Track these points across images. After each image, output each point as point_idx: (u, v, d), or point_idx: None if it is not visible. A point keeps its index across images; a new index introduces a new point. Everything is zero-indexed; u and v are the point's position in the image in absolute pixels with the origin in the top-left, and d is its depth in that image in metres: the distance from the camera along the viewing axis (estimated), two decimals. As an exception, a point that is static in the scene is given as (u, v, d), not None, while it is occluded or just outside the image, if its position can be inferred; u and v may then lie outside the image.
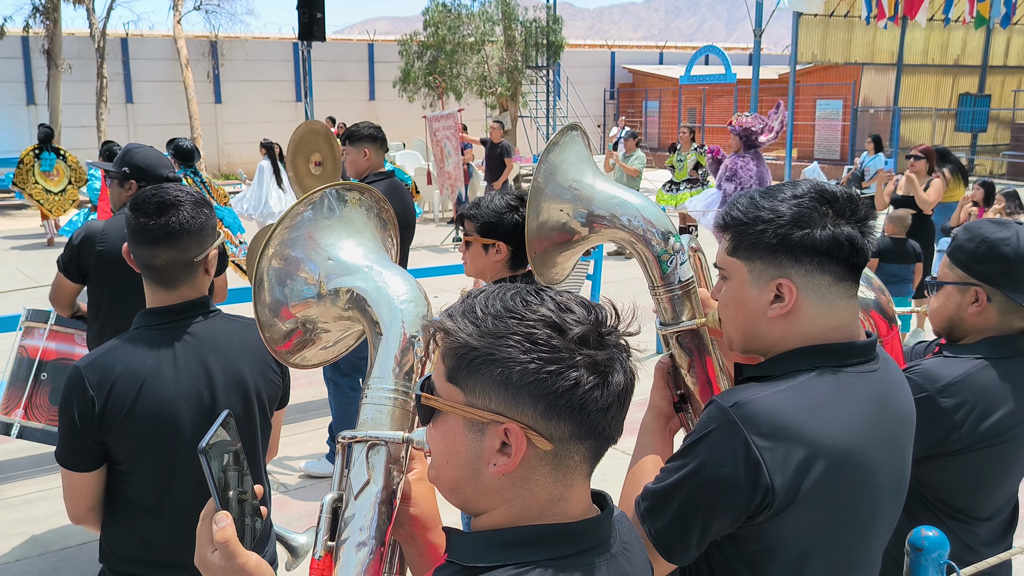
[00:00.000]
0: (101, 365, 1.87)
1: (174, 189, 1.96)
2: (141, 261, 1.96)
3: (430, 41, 21.03)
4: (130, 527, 1.97)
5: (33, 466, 4.98)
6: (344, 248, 1.24)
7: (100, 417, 1.86)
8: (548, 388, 0.94)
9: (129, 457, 1.93)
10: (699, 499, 1.37)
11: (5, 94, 20.96)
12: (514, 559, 0.97)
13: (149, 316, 1.98)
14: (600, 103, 29.53)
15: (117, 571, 2.00)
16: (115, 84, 21.54)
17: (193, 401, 1.93)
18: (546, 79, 22.78)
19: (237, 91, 23.87)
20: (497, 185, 12.71)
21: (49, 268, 10.93)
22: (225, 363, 1.99)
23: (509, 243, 2.61)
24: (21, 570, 3.93)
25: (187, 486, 1.97)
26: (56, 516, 4.41)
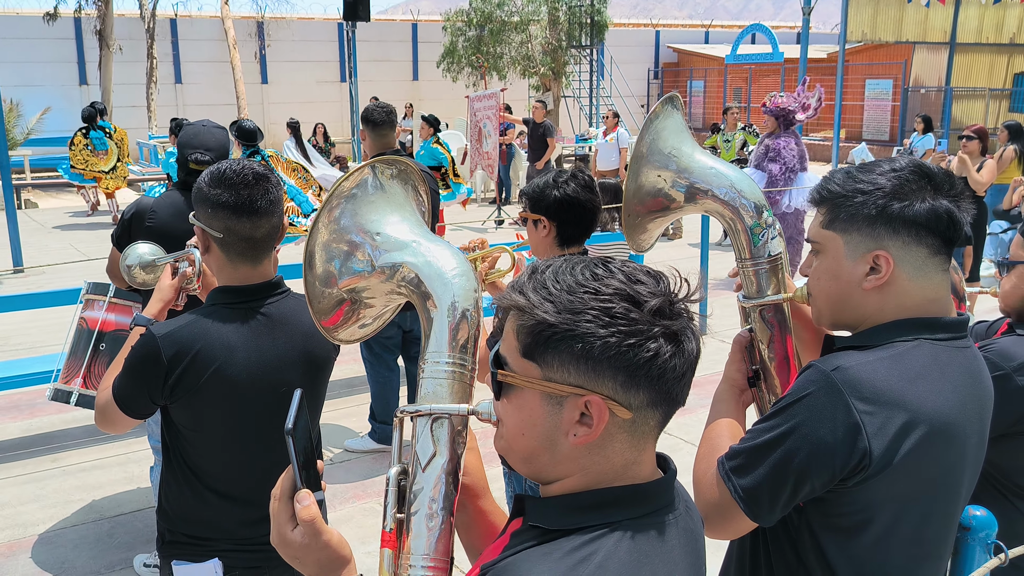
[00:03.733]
0: (178, 339, 1.92)
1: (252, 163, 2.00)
2: (238, 235, 1.96)
3: (474, 20, 20.99)
4: (191, 492, 2.04)
5: (88, 436, 5.15)
6: (390, 223, 1.26)
7: (171, 388, 1.93)
8: (628, 360, 0.98)
9: (193, 426, 2.01)
10: (793, 458, 1.40)
11: (58, 74, 21.39)
12: (593, 521, 1.01)
13: (226, 294, 2.02)
14: (644, 83, 29.24)
15: (175, 531, 2.08)
16: (164, 65, 21.86)
17: (262, 380, 2.00)
18: (590, 58, 22.60)
19: (283, 71, 24.08)
20: (540, 165, 12.70)
21: (101, 243, 11.21)
22: (294, 342, 2.05)
23: (552, 219, 2.63)
24: (77, 535, 4.08)
25: (249, 460, 2.05)
26: (110, 484, 4.56)
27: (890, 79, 22.53)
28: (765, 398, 1.79)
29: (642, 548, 1.00)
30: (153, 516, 4.09)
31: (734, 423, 1.67)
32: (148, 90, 20.30)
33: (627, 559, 0.98)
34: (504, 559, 1.02)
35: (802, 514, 1.50)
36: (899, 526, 1.45)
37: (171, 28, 22.62)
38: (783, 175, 8.36)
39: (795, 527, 1.52)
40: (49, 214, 14.20)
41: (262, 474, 2.06)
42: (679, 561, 1.04)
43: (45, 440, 5.12)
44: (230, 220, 1.95)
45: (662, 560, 1.01)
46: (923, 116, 13.47)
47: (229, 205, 1.94)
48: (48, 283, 9.08)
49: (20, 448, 5.01)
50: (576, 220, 2.63)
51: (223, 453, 2.03)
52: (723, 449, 1.54)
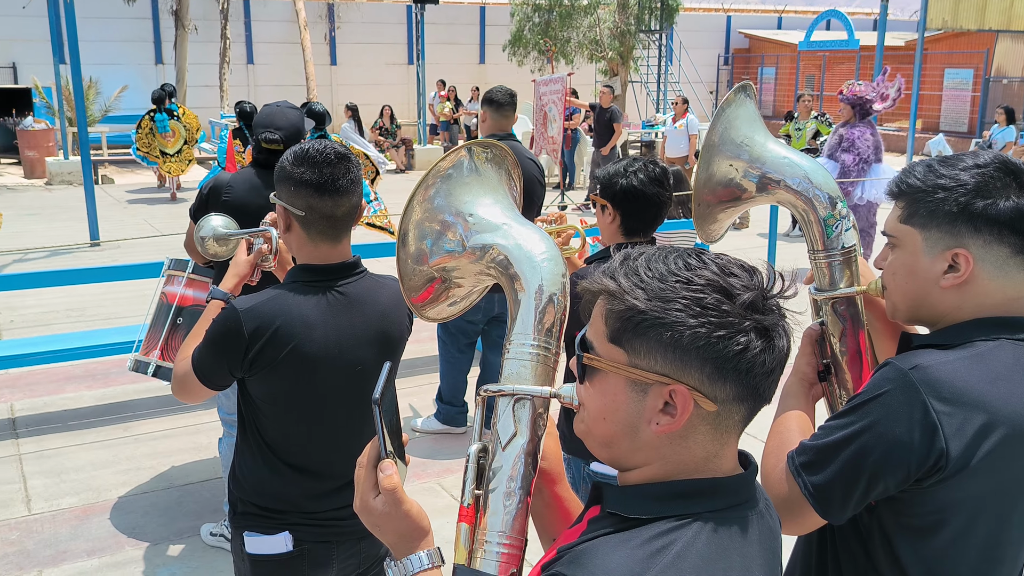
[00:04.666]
0: (260, 314, 1.96)
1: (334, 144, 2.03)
2: (319, 213, 1.99)
3: (543, 3, 20.88)
4: (264, 464, 2.09)
5: (159, 406, 5.31)
6: (483, 205, 1.27)
7: (250, 362, 1.97)
8: (717, 352, 0.97)
9: (269, 399, 2.05)
10: (868, 456, 1.38)
11: (136, 53, 21.94)
12: (673, 511, 1.01)
13: (307, 272, 2.05)
14: (714, 69, 28.79)
15: (247, 502, 2.12)
16: (237, 45, 22.24)
17: (338, 358, 2.04)
18: (659, 43, 22.31)
19: (352, 53, 24.32)
20: (605, 150, 12.61)
21: (174, 220, 11.50)
22: (370, 322, 2.09)
23: (616, 207, 2.62)
24: (148, 502, 4.21)
25: (322, 435, 2.09)
26: (180, 453, 4.70)
27: (971, 69, 21.74)
28: (835, 393, 1.76)
29: (721, 541, 0.99)
30: (220, 487, 4.23)
31: (804, 418, 1.64)
32: (221, 70, 20.68)
33: (705, 551, 0.97)
34: (581, 543, 1.02)
35: (873, 513, 1.47)
36: (974, 528, 1.41)
37: (244, 9, 23.00)
38: (856, 166, 8.16)
39: (865, 526, 1.49)
40: (125, 190, 14.61)
41: (334, 449, 2.10)
42: (756, 557, 1.03)
43: (118, 409, 5.29)
44: (312, 199, 1.98)
45: (740, 555, 1.00)
46: (1005, 107, 12.98)
47: (312, 184, 1.97)
48: (123, 257, 9.36)
49: (94, 416, 5.19)
50: (639, 212, 2.61)
51: (297, 427, 2.07)
52: (792, 444, 1.52)
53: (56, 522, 4.00)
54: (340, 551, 2.14)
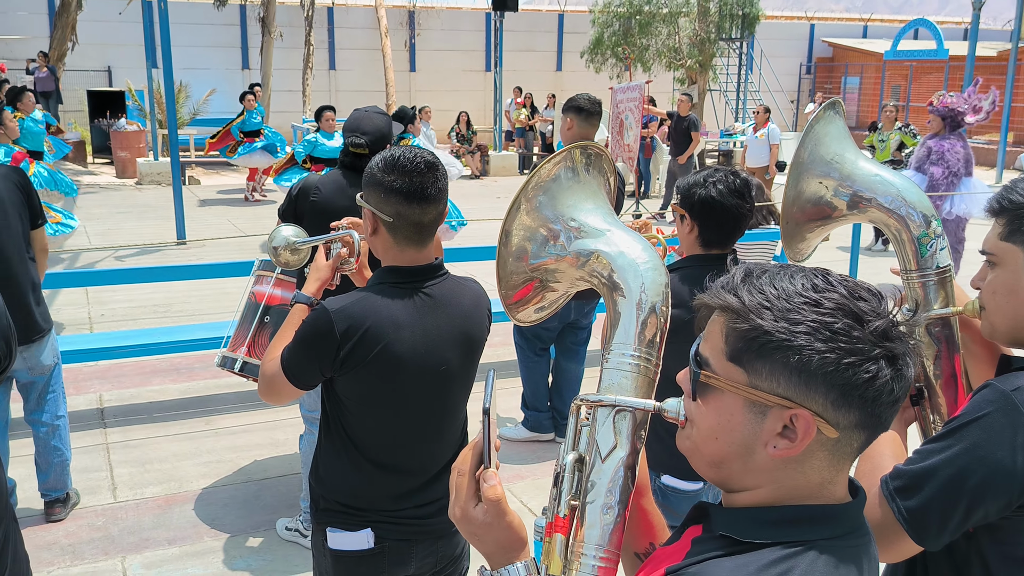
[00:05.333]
0: (350, 314, 2.00)
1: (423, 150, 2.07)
2: (408, 219, 2.02)
3: (623, 11, 20.81)
4: (348, 462, 2.13)
5: (239, 401, 5.45)
6: (585, 210, 1.27)
7: (341, 362, 2.01)
8: (845, 379, 0.94)
9: (357, 398, 2.09)
10: (967, 481, 1.34)
11: (224, 59, 22.63)
12: (788, 537, 0.98)
13: (393, 274, 2.09)
14: (795, 78, 28.25)
15: (330, 499, 2.16)
16: (320, 51, 22.75)
17: (425, 358, 2.07)
18: (739, 51, 22.01)
19: (431, 60, 24.62)
20: (682, 159, 12.48)
21: (256, 221, 11.81)
22: (454, 323, 2.12)
23: (694, 218, 2.59)
24: (227, 494, 4.32)
25: (407, 434, 2.12)
26: (258, 448, 4.81)
27: (1068, 80, 20.87)
28: (928, 418, 1.70)
29: (837, 571, 0.97)
30: (296, 482, 4.32)
31: (897, 442, 1.59)
32: (304, 76, 21.17)
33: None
34: (690, 565, 1.00)
35: (972, 540, 1.42)
36: None
37: (328, 16, 23.51)
38: (945, 179, 7.90)
39: (962, 554, 1.44)
40: (210, 190, 15.07)
41: (417, 448, 2.13)
42: None
43: (200, 403, 5.45)
44: (401, 205, 2.02)
45: None
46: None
47: (401, 191, 2.01)
48: (207, 255, 9.65)
49: (178, 409, 5.36)
50: (717, 224, 2.57)
51: (382, 425, 2.11)
52: (886, 468, 1.47)
53: (140, 510, 4.14)
54: (419, 549, 2.16)
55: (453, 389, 2.19)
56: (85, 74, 20.40)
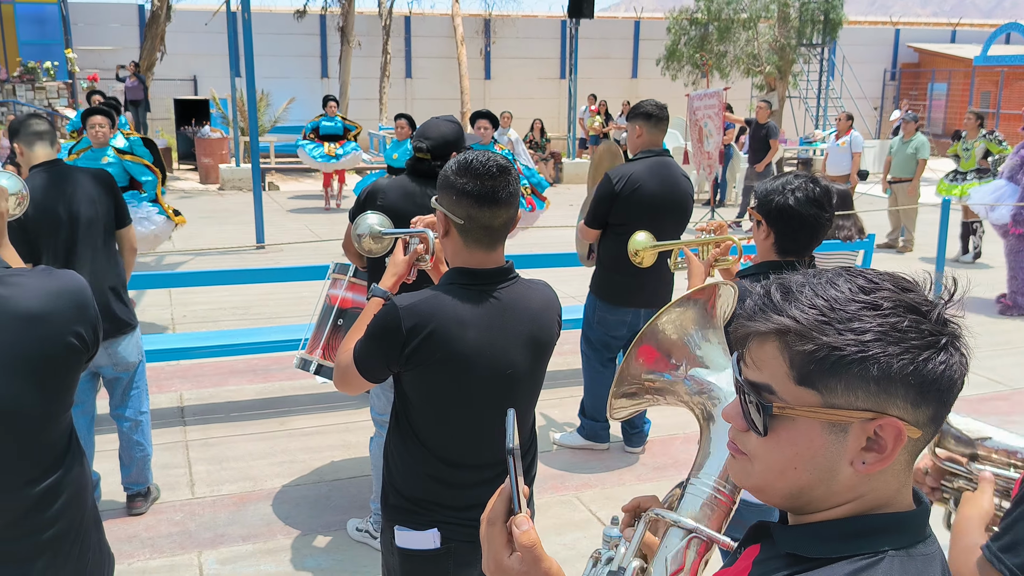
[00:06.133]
0: (418, 312, 2.02)
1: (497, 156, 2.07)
2: (478, 222, 2.04)
3: (701, 17, 20.59)
4: (417, 460, 2.14)
5: (312, 403, 5.54)
6: (711, 341, 1.33)
7: (406, 357, 2.04)
8: (922, 377, 0.91)
9: (423, 396, 2.11)
10: None
11: (303, 68, 23.17)
12: (859, 549, 0.94)
13: (463, 275, 2.10)
14: (879, 84, 27.50)
15: (399, 496, 2.17)
16: (397, 60, 23.11)
17: (491, 360, 2.07)
18: (820, 57, 21.54)
19: (505, 68, 24.77)
20: (760, 167, 12.25)
21: (332, 226, 12.03)
22: (521, 326, 2.12)
23: (771, 225, 2.53)
24: (299, 494, 4.39)
25: (471, 435, 2.12)
26: (330, 449, 4.88)
27: None
28: None
29: None
30: (366, 484, 4.36)
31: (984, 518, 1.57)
32: (381, 84, 21.54)
33: None
34: None
35: None
36: None
37: (405, 25, 23.87)
38: (1040, 188, 7.57)
39: None
40: (288, 196, 15.42)
41: (482, 448, 2.13)
42: None
43: (276, 403, 5.56)
44: (472, 208, 2.02)
45: None
46: None
47: (473, 194, 2.02)
48: (284, 259, 9.87)
49: (254, 409, 5.47)
50: (793, 233, 2.51)
51: (447, 424, 2.12)
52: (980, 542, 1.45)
53: (216, 507, 4.24)
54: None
55: (520, 392, 2.19)
56: (172, 83, 21.13)
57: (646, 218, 4.27)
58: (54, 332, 1.69)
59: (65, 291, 1.75)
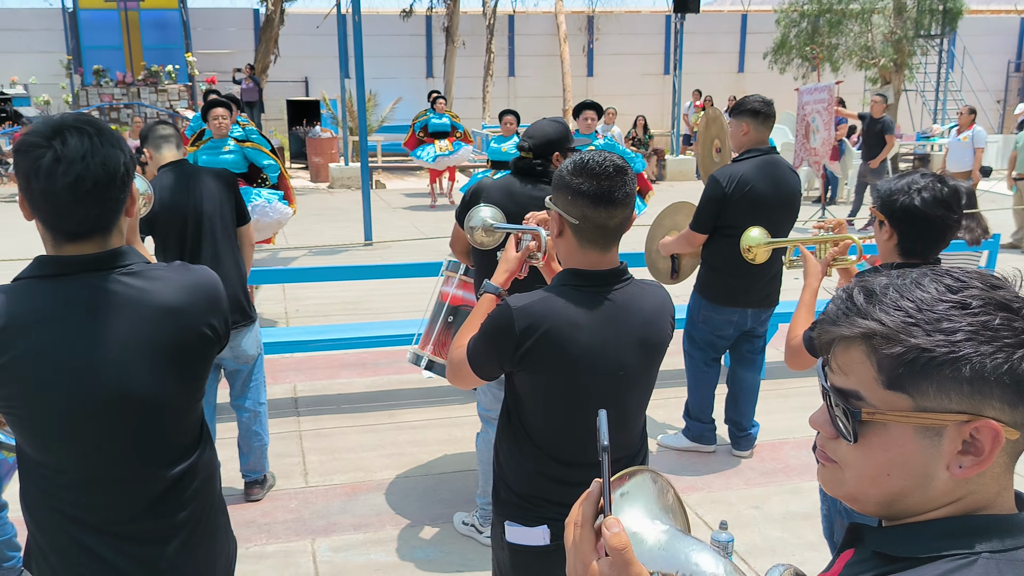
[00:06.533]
0: (531, 313, 2.05)
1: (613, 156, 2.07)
2: (593, 222, 2.04)
3: (811, 9, 20.00)
4: (527, 457, 2.17)
5: (420, 397, 5.65)
6: (696, 548, 1.10)
7: (519, 358, 2.06)
8: (1017, 376, 0.89)
9: (534, 395, 2.13)
10: None
11: (409, 68, 23.63)
12: (953, 548, 0.92)
13: (577, 276, 2.11)
14: (1002, 76, 26.13)
15: (510, 491, 2.20)
16: (500, 59, 23.30)
17: (603, 361, 2.08)
18: (939, 49, 20.61)
19: (608, 64, 24.65)
20: (875, 163, 11.83)
21: (437, 224, 12.23)
22: (634, 328, 2.12)
23: (894, 226, 2.45)
24: (407, 486, 4.49)
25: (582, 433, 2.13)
26: (437, 443, 4.97)
27: None
28: None
29: None
30: (472, 478, 4.43)
31: None
32: (484, 82, 21.76)
33: None
34: None
35: None
36: None
37: (509, 24, 24.04)
38: None
39: None
40: (395, 194, 15.74)
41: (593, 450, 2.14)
42: None
43: (384, 397, 5.70)
44: (588, 208, 2.03)
45: None
46: None
47: (588, 194, 2.02)
48: (391, 256, 10.09)
49: (364, 401, 5.62)
50: (918, 235, 2.43)
51: (558, 423, 2.13)
52: None
53: (328, 496, 4.38)
54: None
55: (632, 394, 2.18)
56: (285, 85, 21.87)
57: (756, 219, 4.19)
58: (190, 324, 1.78)
59: (200, 285, 1.84)
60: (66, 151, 1.62)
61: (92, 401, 1.69)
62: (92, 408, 1.69)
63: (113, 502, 1.77)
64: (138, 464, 1.77)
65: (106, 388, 1.69)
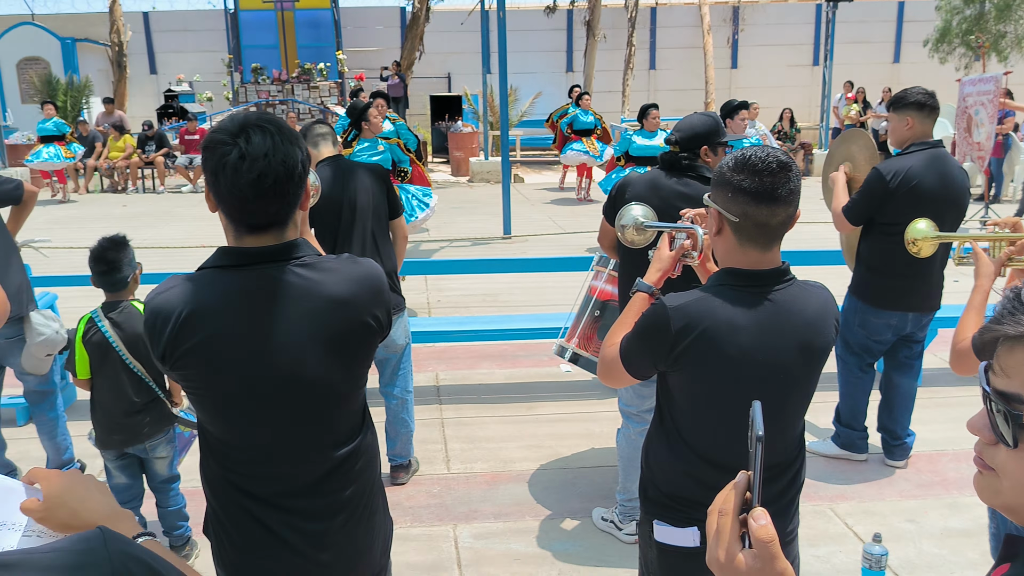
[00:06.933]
0: (688, 313, 2.02)
1: (777, 151, 2.01)
2: (754, 220, 1.99)
3: (976, -4, 18.80)
4: (678, 457, 2.14)
5: (557, 390, 5.68)
6: None
7: (674, 358, 2.04)
8: None
9: (688, 397, 2.10)
10: None
11: (550, 62, 23.73)
12: None
13: (735, 276, 2.06)
14: None
15: (659, 491, 2.18)
16: (641, 52, 23.06)
17: (762, 364, 2.02)
18: (1123, 34, 18.95)
19: (753, 56, 23.98)
20: (1046, 160, 11.00)
21: (575, 218, 12.25)
22: (796, 331, 2.04)
23: None
24: (545, 478, 4.53)
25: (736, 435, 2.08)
26: (574, 437, 4.99)
27: None
28: None
29: None
30: (611, 474, 4.42)
31: None
32: (624, 76, 21.60)
33: None
34: None
35: None
36: None
37: (651, 16, 23.74)
38: None
39: None
40: (533, 188, 15.86)
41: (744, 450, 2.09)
42: None
43: (523, 389, 5.76)
44: (748, 206, 1.97)
45: None
46: None
47: (750, 191, 1.96)
48: (529, 250, 10.18)
49: (503, 392, 5.70)
50: None
51: (713, 425, 2.09)
52: None
53: (469, 483, 4.47)
54: None
55: (791, 398, 2.11)
56: (428, 81, 22.40)
57: (920, 216, 3.97)
58: (355, 315, 1.86)
59: (366, 277, 1.91)
60: (250, 149, 1.72)
61: (265, 384, 1.79)
62: (265, 390, 1.79)
63: (283, 478, 1.87)
64: (307, 444, 1.87)
65: (278, 372, 1.78)
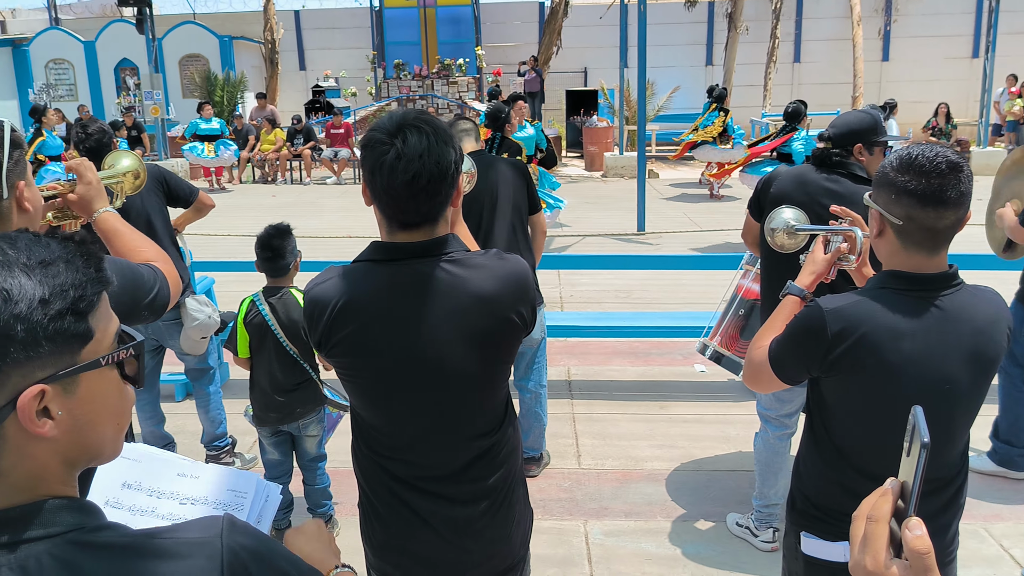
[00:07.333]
0: (846, 317, 1.93)
1: (947, 151, 1.91)
2: (919, 223, 1.89)
3: None
4: (831, 468, 2.05)
5: (691, 390, 5.58)
6: None
7: (829, 364, 1.96)
8: None
9: (844, 405, 2.01)
10: None
11: (688, 56, 23.31)
12: None
13: (898, 279, 1.96)
14: None
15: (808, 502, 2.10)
16: (785, 44, 22.32)
17: (925, 374, 1.92)
18: None
19: (907, 48, 22.79)
20: None
21: (711, 215, 12.00)
22: (963, 339, 1.93)
23: None
24: (678, 479, 4.46)
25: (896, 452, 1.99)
26: (708, 440, 4.89)
27: None
28: None
29: None
30: (747, 479, 4.31)
31: None
32: (767, 69, 20.97)
33: None
34: None
35: None
36: None
37: (797, 7, 22.94)
38: None
39: None
40: (667, 184, 15.64)
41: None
42: None
43: (655, 387, 5.69)
44: (913, 208, 1.87)
45: None
46: None
47: (915, 193, 1.86)
48: (664, 247, 10.04)
49: (635, 390, 5.66)
50: None
51: (871, 436, 1.99)
52: None
53: (600, 480, 4.46)
54: None
55: (956, 411, 1.99)
56: (565, 75, 22.41)
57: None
58: (500, 311, 1.89)
59: (512, 274, 1.93)
60: (406, 149, 1.77)
61: (411, 375, 1.84)
62: (411, 381, 1.85)
63: (429, 464, 1.92)
64: (451, 432, 1.91)
65: (424, 364, 1.84)
